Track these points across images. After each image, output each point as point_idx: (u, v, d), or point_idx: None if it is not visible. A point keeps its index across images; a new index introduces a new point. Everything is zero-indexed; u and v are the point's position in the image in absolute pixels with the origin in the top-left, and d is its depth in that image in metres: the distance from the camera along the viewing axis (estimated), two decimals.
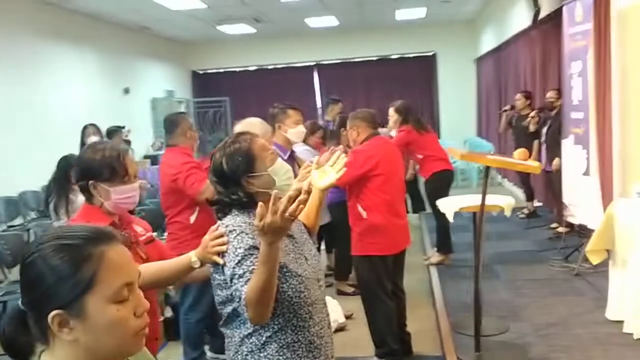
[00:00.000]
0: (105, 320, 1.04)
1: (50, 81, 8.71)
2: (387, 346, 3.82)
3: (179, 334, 4.18)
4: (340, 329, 4.67)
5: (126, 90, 11.10)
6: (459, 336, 4.13)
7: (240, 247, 1.79)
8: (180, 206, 3.77)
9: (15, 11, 8.00)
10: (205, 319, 3.96)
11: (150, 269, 1.99)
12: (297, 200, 1.64)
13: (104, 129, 7.15)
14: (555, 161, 6.44)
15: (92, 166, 2.10)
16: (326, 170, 2.23)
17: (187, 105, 13.88)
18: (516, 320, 4.37)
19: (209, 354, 4.21)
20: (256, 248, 1.74)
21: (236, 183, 1.92)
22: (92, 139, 6.08)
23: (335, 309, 4.77)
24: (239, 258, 1.78)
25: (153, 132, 11.83)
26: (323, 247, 5.98)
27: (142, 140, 11.08)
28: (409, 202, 8.20)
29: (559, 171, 6.27)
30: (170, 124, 3.95)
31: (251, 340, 1.86)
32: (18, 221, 7.29)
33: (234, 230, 1.83)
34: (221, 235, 1.84)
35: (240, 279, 1.75)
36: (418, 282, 5.58)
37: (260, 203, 1.66)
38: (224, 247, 1.82)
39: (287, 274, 1.85)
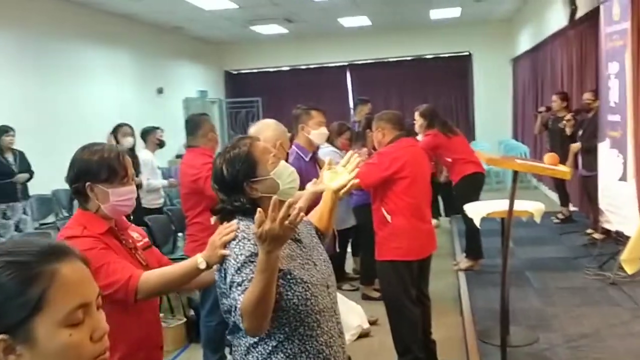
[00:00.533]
0: (55, 346, 0.93)
1: (84, 81, 8.84)
2: (411, 354, 3.72)
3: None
4: (364, 334, 4.59)
5: (159, 91, 11.21)
6: (485, 346, 3.98)
7: (241, 254, 1.73)
8: (200, 207, 3.73)
9: (48, 12, 8.14)
10: (225, 323, 3.91)
11: (154, 274, 1.94)
12: (297, 208, 1.56)
13: (137, 129, 7.20)
14: (574, 146, 6.32)
15: (90, 166, 1.97)
16: (338, 171, 2.15)
17: (219, 105, 13.97)
18: (546, 330, 4.20)
19: (229, 357, 4.17)
20: (257, 255, 1.66)
21: (238, 189, 1.84)
22: (128, 140, 6.07)
23: (359, 314, 4.69)
24: (238, 265, 1.71)
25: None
26: (349, 249, 5.91)
27: (174, 140, 11.15)
28: (442, 205, 8.06)
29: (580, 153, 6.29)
30: (192, 125, 3.96)
31: (257, 350, 1.80)
32: (50, 219, 7.41)
33: (236, 236, 1.77)
34: (232, 231, 1.78)
35: (238, 287, 1.68)
36: (446, 288, 5.45)
37: (259, 209, 1.59)
38: (232, 235, 1.76)
39: (291, 280, 1.77)
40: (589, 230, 6.65)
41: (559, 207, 7.77)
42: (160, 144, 6.63)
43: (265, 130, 2.97)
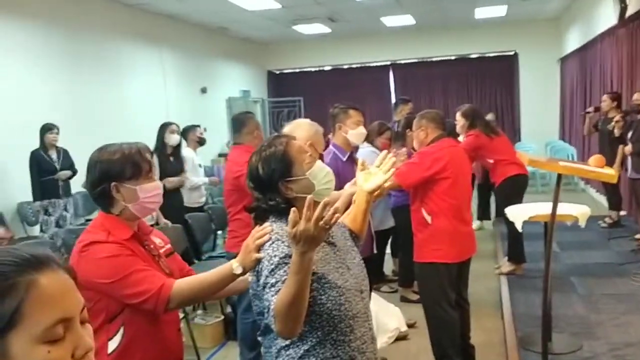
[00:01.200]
0: None
1: (129, 80, 9.01)
2: (448, 358, 3.65)
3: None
4: (402, 337, 4.53)
5: (203, 90, 11.35)
6: (526, 352, 3.89)
7: (275, 256, 1.70)
8: (241, 204, 3.72)
9: (94, 13, 8.33)
10: None
11: (187, 282, 1.88)
12: (333, 208, 1.54)
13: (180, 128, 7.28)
14: (625, 148, 6.18)
15: (113, 166, 1.89)
16: (372, 172, 2.10)
17: (262, 105, 14.07)
18: (590, 338, 4.08)
19: None
20: (291, 257, 1.64)
21: (273, 188, 1.82)
22: (174, 137, 6.09)
23: (397, 317, 4.64)
24: (272, 266, 1.69)
25: (228, 131, 12.04)
26: (388, 250, 5.85)
27: (217, 139, 11.30)
28: (493, 207, 7.88)
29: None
30: (238, 123, 4.06)
31: (288, 353, 1.78)
32: (95, 215, 7.57)
33: (270, 238, 1.75)
34: (265, 234, 1.76)
35: (272, 289, 1.66)
36: (487, 291, 5.35)
37: (293, 209, 1.56)
38: (265, 238, 1.74)
39: (325, 285, 1.74)
40: (638, 236, 6.44)
41: (606, 211, 7.54)
42: (201, 142, 6.69)
43: (297, 129, 2.96)
